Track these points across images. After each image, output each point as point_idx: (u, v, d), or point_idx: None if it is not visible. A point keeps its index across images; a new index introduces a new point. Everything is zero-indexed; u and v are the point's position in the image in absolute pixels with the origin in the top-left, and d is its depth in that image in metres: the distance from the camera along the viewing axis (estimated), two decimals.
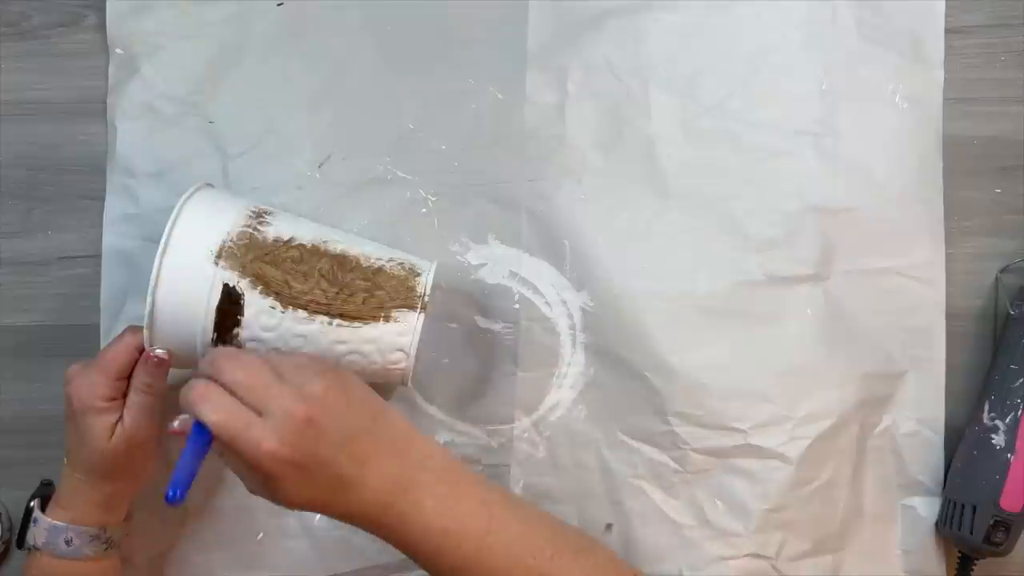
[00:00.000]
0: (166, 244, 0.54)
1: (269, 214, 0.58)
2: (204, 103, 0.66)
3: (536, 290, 0.65)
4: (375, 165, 0.66)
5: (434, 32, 0.66)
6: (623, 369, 0.64)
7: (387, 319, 0.56)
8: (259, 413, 0.47)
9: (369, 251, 0.58)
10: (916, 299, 0.65)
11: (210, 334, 0.55)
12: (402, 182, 0.65)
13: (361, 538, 0.65)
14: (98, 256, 0.66)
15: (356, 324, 0.56)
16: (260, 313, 0.55)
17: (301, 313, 0.55)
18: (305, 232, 0.58)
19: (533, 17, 0.65)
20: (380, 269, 0.58)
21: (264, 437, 0.46)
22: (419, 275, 0.58)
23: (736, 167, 0.64)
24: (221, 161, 0.66)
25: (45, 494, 0.59)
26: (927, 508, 0.66)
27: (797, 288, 0.64)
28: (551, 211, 0.65)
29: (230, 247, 0.55)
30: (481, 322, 0.65)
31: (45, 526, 0.57)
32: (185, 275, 0.54)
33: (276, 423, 0.46)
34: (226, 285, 0.54)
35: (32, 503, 0.59)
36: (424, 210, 0.65)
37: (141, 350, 0.56)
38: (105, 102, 0.67)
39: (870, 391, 0.64)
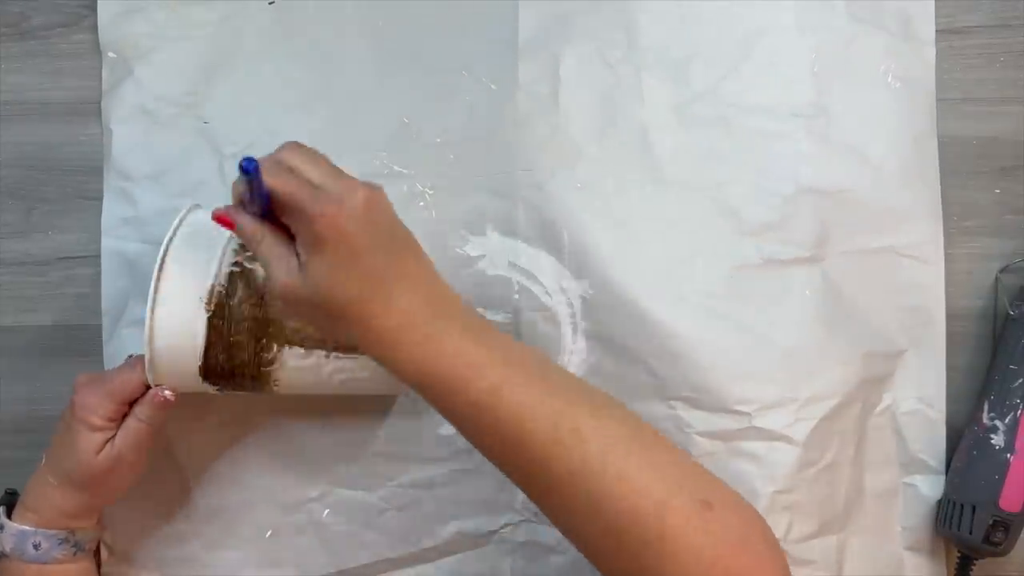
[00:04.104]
0: (155, 297, 0.54)
1: None
2: (198, 103, 0.66)
3: (536, 280, 0.65)
4: (371, 160, 0.66)
5: (426, 26, 0.66)
6: (625, 355, 0.64)
7: None
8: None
9: None
10: (914, 277, 0.65)
11: None
12: (399, 176, 0.66)
13: (370, 532, 0.65)
14: (98, 256, 0.66)
15: (353, 355, 0.57)
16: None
17: (298, 350, 0.56)
18: None
19: (524, 7, 0.66)
20: None
21: (326, 202, 0.45)
22: None
23: (729, 151, 0.64)
24: (217, 161, 0.66)
25: (9, 503, 0.59)
26: (928, 486, 0.66)
27: (795, 270, 0.64)
28: (547, 200, 0.65)
29: (220, 290, 0.55)
30: (482, 313, 0.65)
31: (12, 532, 0.57)
32: (179, 326, 0.54)
33: (338, 194, 0.46)
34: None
35: None
36: (422, 203, 0.66)
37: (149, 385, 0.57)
38: None
39: (871, 370, 0.64)
